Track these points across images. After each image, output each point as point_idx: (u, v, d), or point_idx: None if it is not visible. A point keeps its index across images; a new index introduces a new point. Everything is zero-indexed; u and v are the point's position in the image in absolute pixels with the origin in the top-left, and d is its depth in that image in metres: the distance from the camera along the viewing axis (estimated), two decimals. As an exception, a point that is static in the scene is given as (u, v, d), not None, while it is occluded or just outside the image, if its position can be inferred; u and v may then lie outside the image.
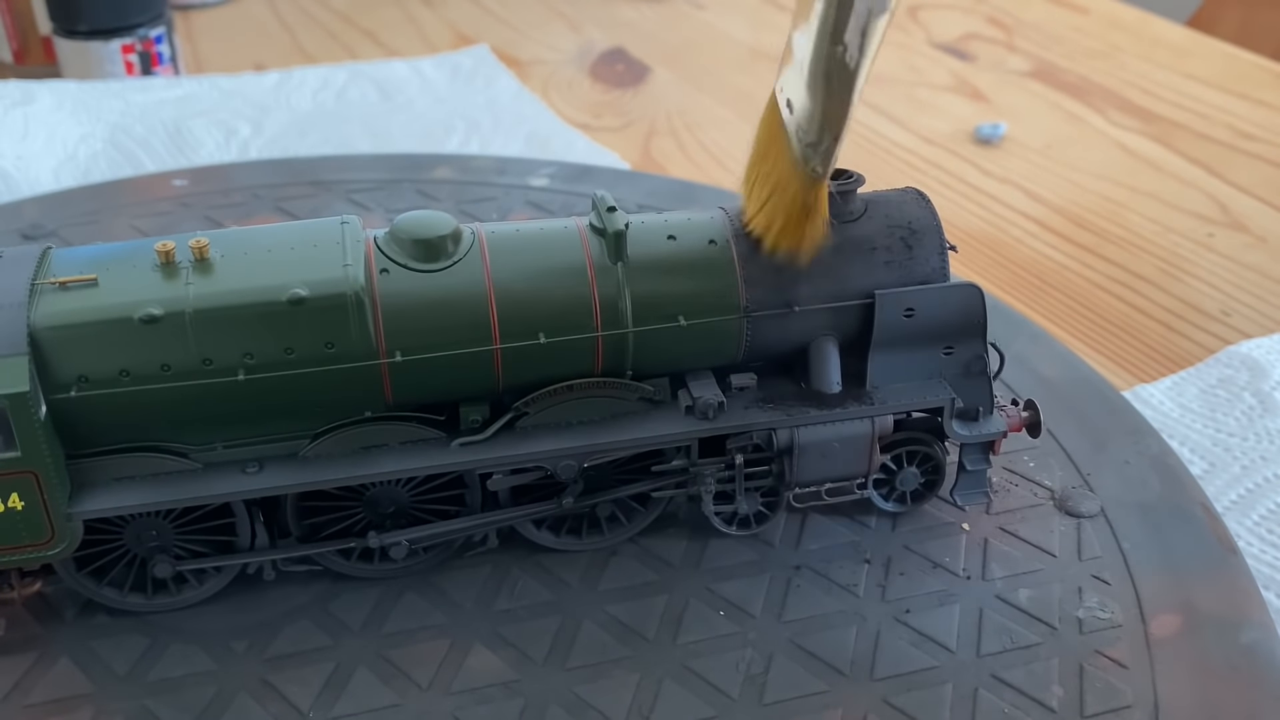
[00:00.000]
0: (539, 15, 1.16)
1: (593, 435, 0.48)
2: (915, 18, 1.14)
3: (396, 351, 0.45)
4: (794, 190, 0.46)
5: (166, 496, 0.45)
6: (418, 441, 0.47)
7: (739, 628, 0.48)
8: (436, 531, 0.49)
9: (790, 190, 0.46)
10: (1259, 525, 0.55)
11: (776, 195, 0.47)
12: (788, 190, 0.46)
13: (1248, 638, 0.47)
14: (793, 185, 0.46)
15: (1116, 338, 0.70)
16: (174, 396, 0.44)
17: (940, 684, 0.46)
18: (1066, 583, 0.50)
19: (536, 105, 0.95)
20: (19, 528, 0.44)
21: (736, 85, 1.02)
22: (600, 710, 0.45)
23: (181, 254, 0.45)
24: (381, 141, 0.89)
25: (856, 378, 0.50)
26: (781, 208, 0.47)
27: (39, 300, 0.43)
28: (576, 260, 0.47)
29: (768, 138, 0.47)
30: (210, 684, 0.46)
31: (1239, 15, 1.38)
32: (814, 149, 0.45)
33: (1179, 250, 0.78)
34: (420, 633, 0.48)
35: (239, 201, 0.77)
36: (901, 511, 0.53)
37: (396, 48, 1.08)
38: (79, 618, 0.48)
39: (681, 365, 0.49)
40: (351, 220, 0.47)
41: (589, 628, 0.48)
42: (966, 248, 0.78)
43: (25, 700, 0.45)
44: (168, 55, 0.97)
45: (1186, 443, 0.60)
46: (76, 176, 0.83)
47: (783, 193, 0.47)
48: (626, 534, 0.52)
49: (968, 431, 0.51)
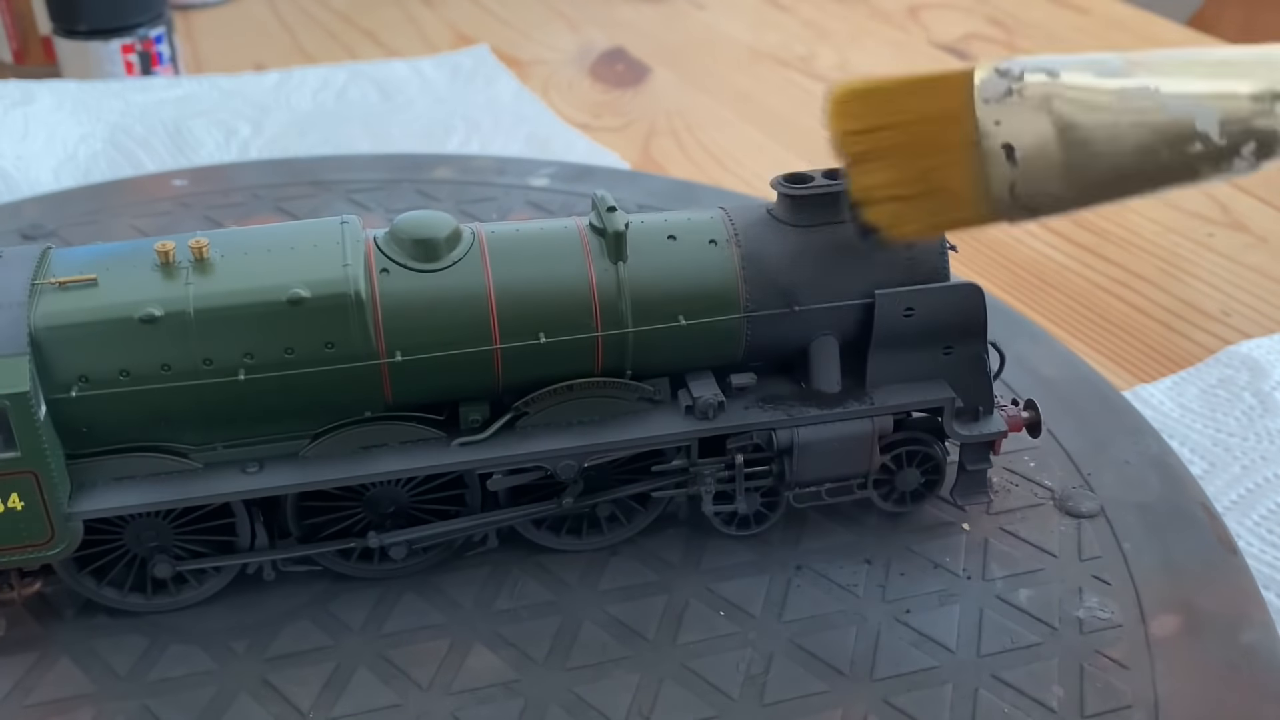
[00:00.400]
0: (539, 15, 1.16)
1: (592, 435, 0.48)
2: (915, 18, 1.14)
3: (396, 351, 0.45)
4: (966, 218, 0.43)
5: (166, 496, 0.45)
6: (417, 441, 0.47)
7: (739, 628, 0.48)
8: (436, 532, 0.49)
9: (962, 214, 0.43)
10: (1259, 525, 0.55)
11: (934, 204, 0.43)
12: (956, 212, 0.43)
13: (1248, 638, 0.47)
14: (970, 213, 0.42)
15: (1116, 338, 0.70)
16: (174, 396, 0.44)
17: (940, 684, 0.46)
18: (1066, 583, 0.50)
19: (536, 105, 0.95)
20: (19, 528, 0.44)
21: (736, 85, 1.02)
22: (600, 710, 0.45)
23: (181, 254, 0.45)
24: (381, 141, 0.89)
25: (856, 377, 0.50)
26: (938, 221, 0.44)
27: (39, 300, 0.43)
28: (576, 260, 0.47)
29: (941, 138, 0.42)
30: (210, 684, 0.46)
31: (1239, 15, 1.39)
32: (1027, 214, 0.41)
33: (1179, 250, 0.78)
34: (420, 633, 0.48)
35: (239, 201, 0.77)
36: (901, 511, 0.53)
37: (396, 48, 1.08)
38: (79, 618, 0.48)
39: (681, 365, 0.49)
40: (351, 220, 0.47)
41: (589, 628, 0.48)
42: (966, 247, 0.78)
43: (25, 700, 0.45)
44: (168, 55, 0.97)
45: (1186, 443, 0.60)
46: (76, 176, 0.83)
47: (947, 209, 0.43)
48: (626, 534, 0.52)
49: (968, 431, 0.51)
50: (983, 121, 0.41)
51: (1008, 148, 0.41)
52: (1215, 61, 0.38)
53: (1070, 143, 0.40)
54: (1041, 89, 0.40)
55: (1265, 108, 0.36)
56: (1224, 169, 0.38)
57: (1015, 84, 0.40)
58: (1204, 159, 0.37)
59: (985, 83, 0.41)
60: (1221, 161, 0.37)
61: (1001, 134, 0.41)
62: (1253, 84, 0.36)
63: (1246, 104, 0.36)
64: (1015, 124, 0.40)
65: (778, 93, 1.01)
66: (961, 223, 0.43)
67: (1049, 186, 0.40)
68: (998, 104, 0.41)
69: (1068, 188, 0.40)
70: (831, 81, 0.44)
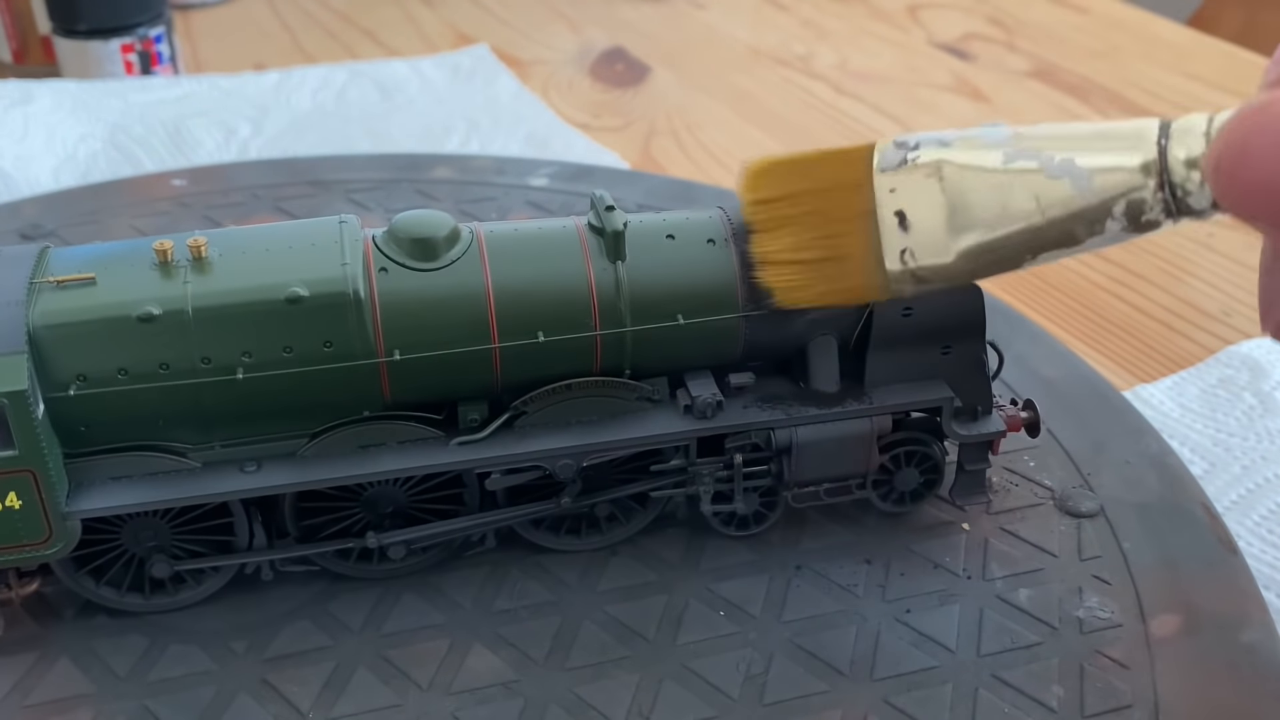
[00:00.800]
0: (539, 15, 1.16)
1: (591, 434, 0.48)
2: (915, 18, 1.14)
3: (395, 350, 0.45)
4: (859, 286, 0.43)
5: (164, 496, 0.45)
6: (416, 441, 0.47)
7: (739, 628, 0.48)
8: (435, 532, 0.49)
9: (855, 282, 0.43)
10: (1259, 525, 0.55)
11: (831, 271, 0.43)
12: (850, 280, 0.43)
13: (1248, 638, 0.47)
14: (862, 281, 0.43)
15: (1116, 338, 0.70)
16: (172, 395, 0.44)
17: (940, 684, 0.45)
18: (1066, 583, 0.50)
19: (536, 105, 0.95)
20: (16, 527, 0.44)
21: (736, 85, 1.02)
22: (600, 710, 0.45)
23: (180, 253, 0.45)
24: (381, 141, 0.89)
25: (855, 377, 0.50)
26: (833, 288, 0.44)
27: (37, 299, 0.43)
28: (575, 259, 0.47)
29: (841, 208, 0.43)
30: (210, 684, 0.46)
31: (1239, 15, 1.38)
32: (917, 282, 0.42)
33: (1179, 250, 0.78)
34: (420, 633, 0.48)
35: (238, 201, 0.77)
36: (901, 511, 0.53)
37: (396, 47, 1.08)
38: (78, 618, 0.48)
39: (680, 364, 0.49)
40: (350, 219, 0.47)
41: (589, 628, 0.48)
42: (966, 247, 0.78)
43: (25, 700, 0.45)
44: (167, 55, 0.97)
45: (1187, 443, 0.60)
46: (76, 176, 0.83)
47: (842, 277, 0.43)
48: (626, 534, 0.52)
49: (966, 431, 0.50)
50: (879, 189, 0.42)
51: (900, 214, 0.42)
52: (1093, 134, 0.39)
53: (956, 208, 0.41)
54: (933, 156, 0.41)
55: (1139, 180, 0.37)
56: (1097, 231, 0.39)
57: (910, 154, 0.42)
58: (1079, 221, 0.39)
59: (883, 153, 0.42)
60: (1095, 224, 0.38)
61: (895, 201, 0.42)
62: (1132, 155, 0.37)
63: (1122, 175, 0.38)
64: (908, 191, 0.42)
65: (777, 92, 1.01)
66: (857, 290, 0.44)
67: (938, 254, 0.41)
68: (893, 173, 0.42)
69: (955, 255, 0.41)
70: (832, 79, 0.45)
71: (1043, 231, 0.39)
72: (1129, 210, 0.38)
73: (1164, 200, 0.37)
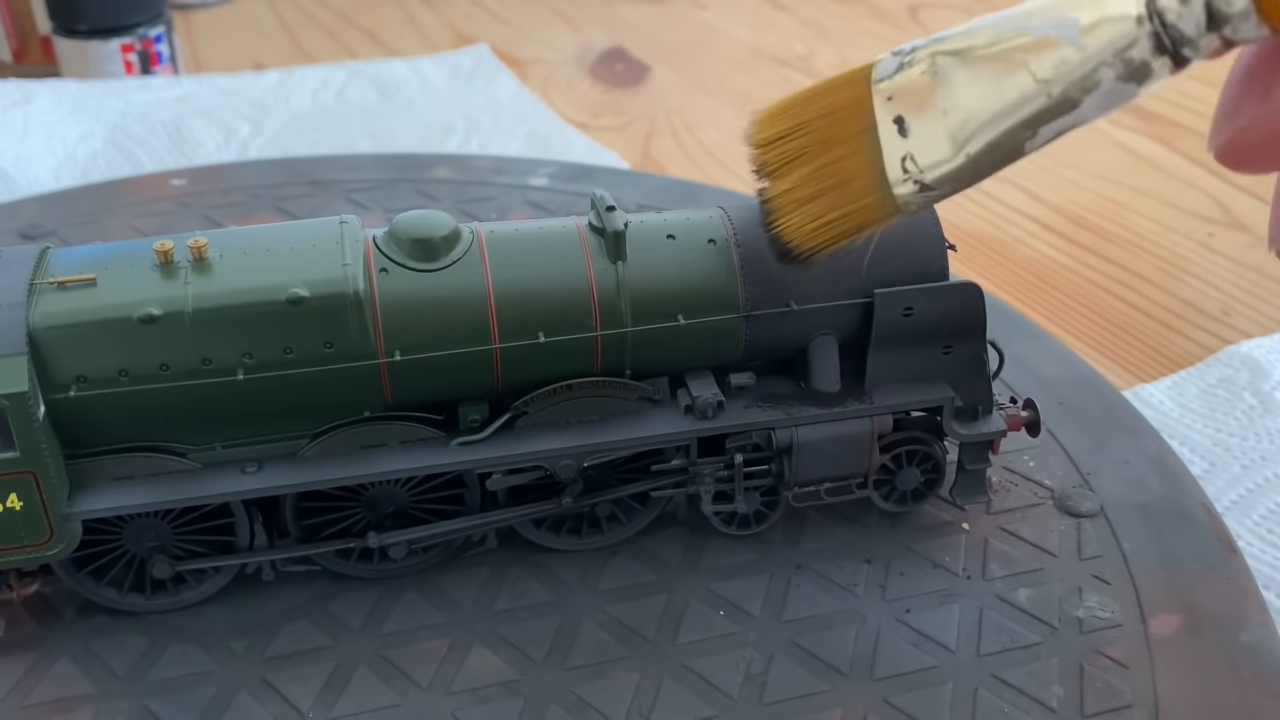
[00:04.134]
0: (539, 15, 1.16)
1: (592, 435, 0.48)
2: (915, 17, 1.14)
3: (395, 351, 0.45)
4: (866, 207, 0.41)
5: (165, 496, 0.45)
6: (417, 441, 0.47)
7: (739, 628, 0.48)
8: (436, 532, 0.49)
9: (861, 204, 0.41)
10: (1259, 525, 0.55)
11: (837, 198, 0.42)
12: (857, 203, 0.41)
13: (1248, 638, 0.47)
14: (868, 201, 0.41)
15: (1116, 338, 0.70)
16: (173, 396, 0.44)
17: (940, 684, 0.46)
18: (1066, 583, 0.50)
19: (536, 105, 0.95)
20: (18, 528, 0.44)
21: (736, 85, 1.02)
22: (600, 710, 0.45)
23: (180, 254, 0.45)
24: (381, 141, 0.89)
25: (855, 377, 0.50)
26: (841, 216, 0.42)
27: (38, 300, 0.43)
28: (576, 260, 0.47)
29: (843, 129, 0.41)
30: (210, 684, 0.46)
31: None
32: (921, 191, 0.40)
33: (1179, 250, 0.78)
34: (420, 633, 0.48)
35: (238, 201, 0.77)
36: (901, 511, 0.53)
37: (396, 47, 1.08)
38: (78, 618, 0.48)
39: (681, 364, 0.49)
40: (350, 220, 0.47)
41: (589, 628, 0.48)
42: (966, 247, 0.78)
43: (25, 700, 0.45)
44: (167, 55, 0.97)
45: (1186, 443, 0.60)
46: (75, 176, 0.83)
47: (848, 201, 0.41)
48: (626, 534, 0.52)
49: (967, 430, 0.50)
50: (877, 100, 0.40)
51: (898, 120, 0.40)
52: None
53: (951, 99, 0.39)
54: (926, 52, 0.40)
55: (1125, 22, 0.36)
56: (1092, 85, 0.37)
57: (906, 58, 0.40)
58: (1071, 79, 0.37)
59: (880, 64, 0.41)
60: (1088, 79, 0.37)
61: (894, 108, 0.40)
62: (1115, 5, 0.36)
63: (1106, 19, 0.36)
64: (904, 94, 0.40)
65: (778, 92, 1.00)
66: (865, 213, 0.42)
67: (938, 150, 0.39)
68: (889, 80, 0.40)
69: (954, 148, 0.39)
70: None
71: (1037, 100, 0.38)
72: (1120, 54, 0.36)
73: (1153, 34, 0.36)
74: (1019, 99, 0.38)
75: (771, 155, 0.43)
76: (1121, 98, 0.37)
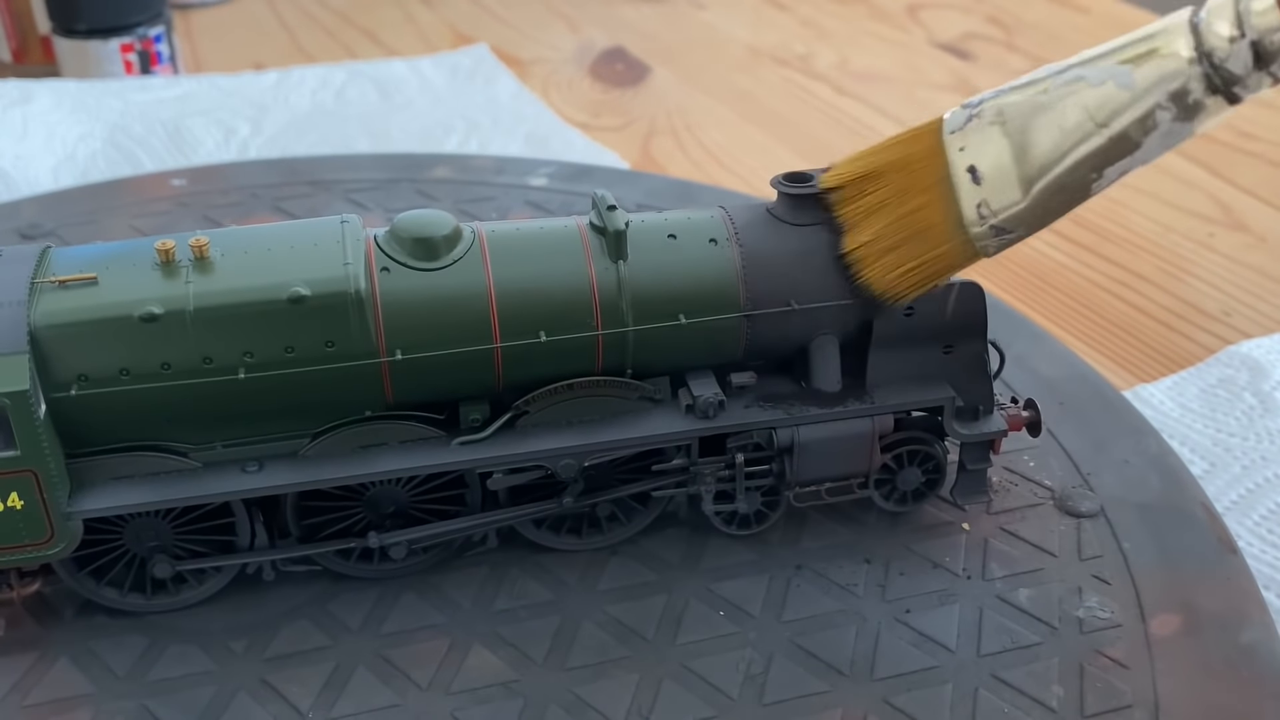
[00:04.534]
0: (539, 15, 1.16)
1: (593, 434, 0.48)
2: (915, 17, 1.14)
3: (397, 350, 0.45)
4: (947, 253, 0.44)
5: (166, 496, 0.45)
6: (417, 441, 0.47)
7: (739, 628, 0.48)
8: (436, 531, 0.49)
9: (941, 250, 0.44)
10: (1259, 525, 0.55)
11: (918, 247, 0.45)
12: (937, 248, 0.44)
13: (1248, 638, 0.47)
14: (947, 247, 0.44)
15: (1116, 338, 0.70)
16: (174, 395, 0.44)
17: (940, 684, 0.46)
18: (1066, 583, 0.50)
19: (536, 105, 0.95)
20: (18, 527, 0.44)
21: (736, 85, 1.02)
22: (600, 710, 0.45)
23: (181, 253, 0.45)
24: (380, 141, 0.89)
25: (856, 376, 0.50)
26: (922, 262, 0.45)
27: (39, 299, 0.43)
28: (577, 259, 0.47)
29: (919, 180, 0.44)
30: (210, 684, 0.46)
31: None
32: (997, 235, 0.43)
33: (1179, 250, 0.78)
34: (419, 633, 0.48)
35: (238, 201, 0.77)
36: (902, 511, 0.53)
37: (396, 47, 1.08)
38: (78, 618, 0.48)
39: (682, 364, 0.49)
40: (352, 219, 0.47)
41: (589, 628, 0.48)
42: (966, 247, 0.78)
43: (25, 700, 0.45)
44: (167, 54, 0.97)
45: (1186, 443, 0.60)
46: (75, 176, 0.83)
47: (929, 248, 0.44)
48: (626, 533, 0.52)
49: (968, 430, 0.50)
50: (950, 151, 0.44)
51: (971, 169, 0.43)
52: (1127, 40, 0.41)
53: (1020, 146, 0.42)
54: (993, 103, 0.43)
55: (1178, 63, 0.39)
56: (1150, 127, 0.40)
57: (974, 110, 0.43)
58: (1130, 120, 0.40)
59: (951, 116, 0.44)
60: (1146, 119, 0.40)
61: (966, 158, 0.43)
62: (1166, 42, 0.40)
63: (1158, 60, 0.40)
64: (975, 144, 0.43)
65: (777, 92, 1.01)
66: (945, 259, 0.45)
67: (1010, 194, 0.42)
68: (961, 132, 0.43)
69: (1025, 193, 0.42)
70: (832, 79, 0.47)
71: (1099, 141, 0.40)
72: (1175, 96, 0.39)
73: (1204, 75, 0.38)
74: (1081, 141, 0.41)
75: (850, 209, 0.46)
76: (1180, 136, 0.40)
